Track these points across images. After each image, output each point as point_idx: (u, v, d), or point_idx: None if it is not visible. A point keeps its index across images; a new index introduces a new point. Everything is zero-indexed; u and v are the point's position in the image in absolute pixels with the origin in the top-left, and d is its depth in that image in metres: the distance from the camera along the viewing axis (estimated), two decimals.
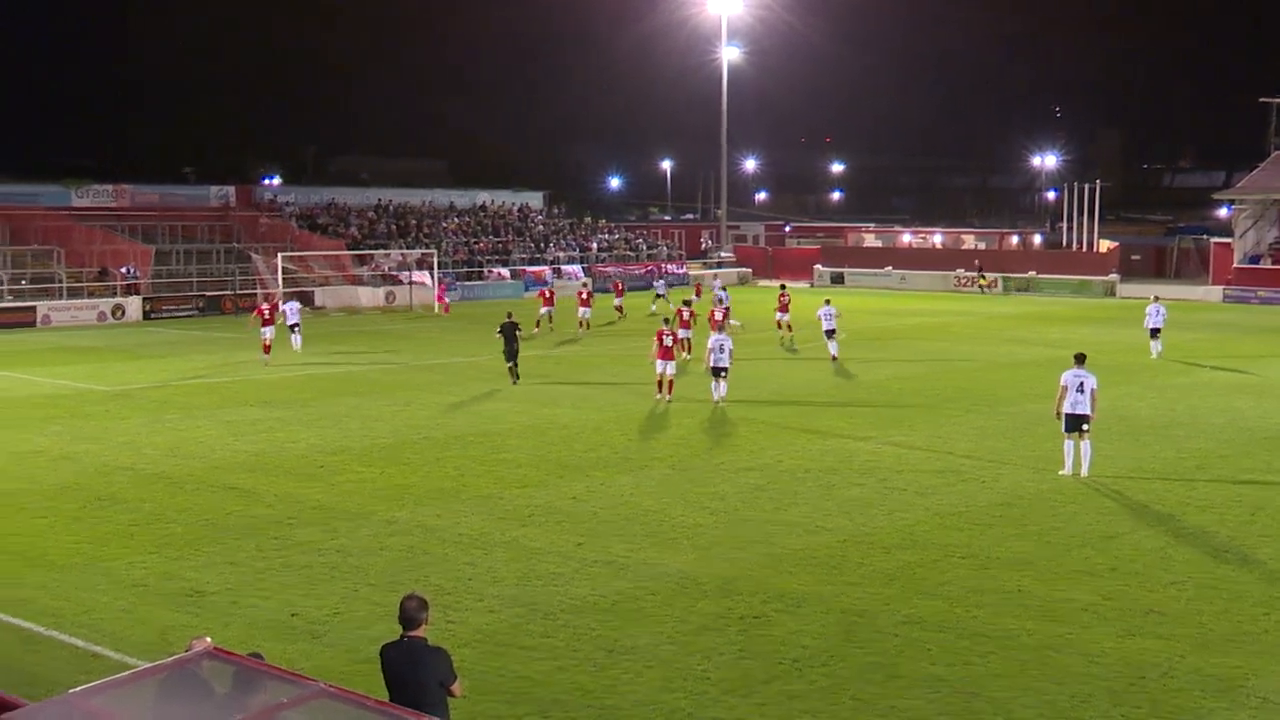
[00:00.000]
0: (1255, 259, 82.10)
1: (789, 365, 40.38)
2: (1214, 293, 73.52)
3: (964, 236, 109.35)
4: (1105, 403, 30.27)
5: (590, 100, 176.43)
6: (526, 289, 70.51)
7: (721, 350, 30.94)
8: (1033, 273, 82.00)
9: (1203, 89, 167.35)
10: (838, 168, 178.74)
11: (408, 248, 70.69)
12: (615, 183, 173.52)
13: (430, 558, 17.35)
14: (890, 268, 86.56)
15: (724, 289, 52.93)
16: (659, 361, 31.40)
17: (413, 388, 34.12)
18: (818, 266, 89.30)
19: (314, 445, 25.64)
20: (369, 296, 64.38)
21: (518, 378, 34.82)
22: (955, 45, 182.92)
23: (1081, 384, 22.59)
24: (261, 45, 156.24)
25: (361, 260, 67.66)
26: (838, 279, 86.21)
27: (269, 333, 39.53)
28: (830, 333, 40.01)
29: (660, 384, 31.47)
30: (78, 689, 7.45)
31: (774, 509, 20.27)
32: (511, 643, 13.97)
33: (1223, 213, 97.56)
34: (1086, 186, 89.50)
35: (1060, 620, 14.80)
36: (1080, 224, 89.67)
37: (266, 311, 40.00)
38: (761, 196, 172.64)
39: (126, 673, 8.44)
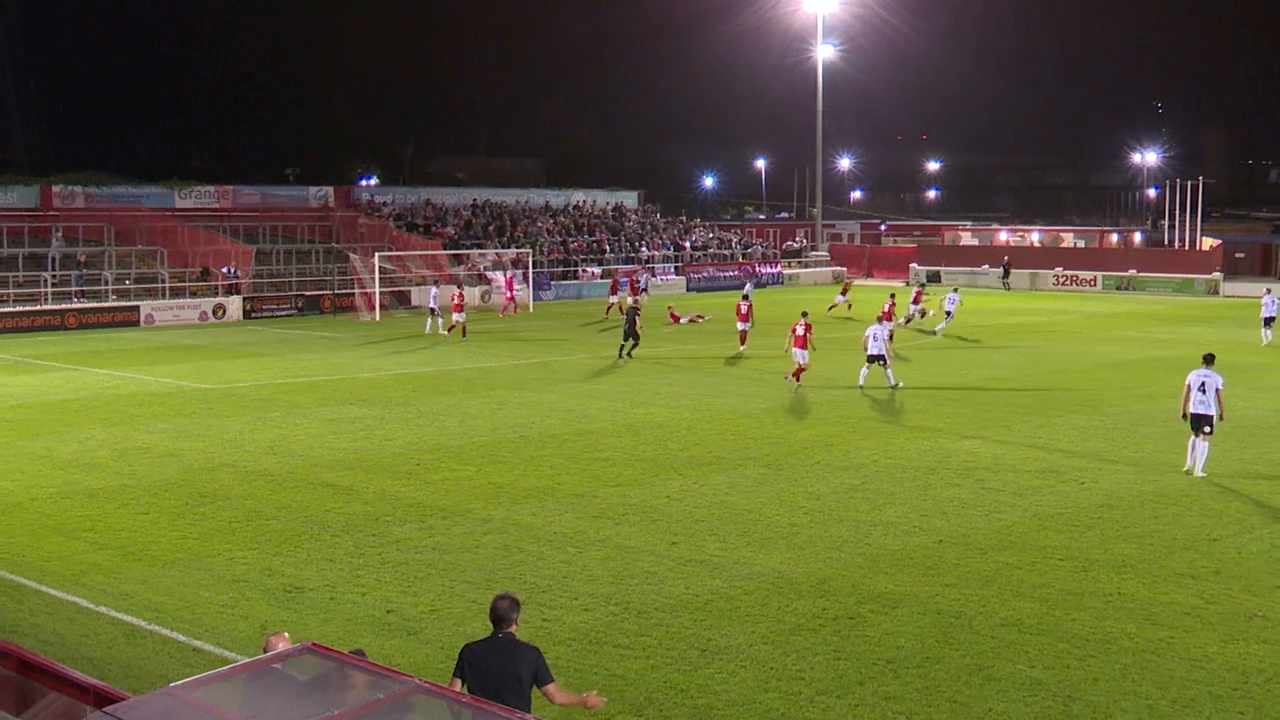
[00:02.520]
0: None
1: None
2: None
3: (1063, 235, 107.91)
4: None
5: (685, 98, 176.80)
6: (622, 288, 70.68)
7: (875, 339, 33.17)
8: (1133, 271, 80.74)
9: None
10: (934, 166, 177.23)
11: (503, 247, 71.11)
12: (709, 181, 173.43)
13: (525, 555, 17.44)
14: (987, 266, 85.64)
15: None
16: (795, 351, 34.14)
17: (509, 386, 34.32)
18: (914, 265, 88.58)
19: (411, 443, 25.89)
20: (444, 295, 64.62)
21: (628, 356, 39.68)
22: (1054, 42, 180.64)
23: (1204, 384, 22.29)
24: (360, 47, 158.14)
25: (458, 260, 68.14)
26: (934, 277, 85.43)
27: (460, 317, 47.85)
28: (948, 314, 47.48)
29: (796, 373, 34.01)
30: (179, 682, 7.57)
31: (869, 509, 20.13)
32: (606, 641, 14.01)
33: None
34: (1189, 183, 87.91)
35: (1161, 624, 14.55)
36: (1183, 221, 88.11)
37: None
38: (857, 195, 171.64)
39: (227, 667, 8.57)
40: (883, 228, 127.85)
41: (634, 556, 17.35)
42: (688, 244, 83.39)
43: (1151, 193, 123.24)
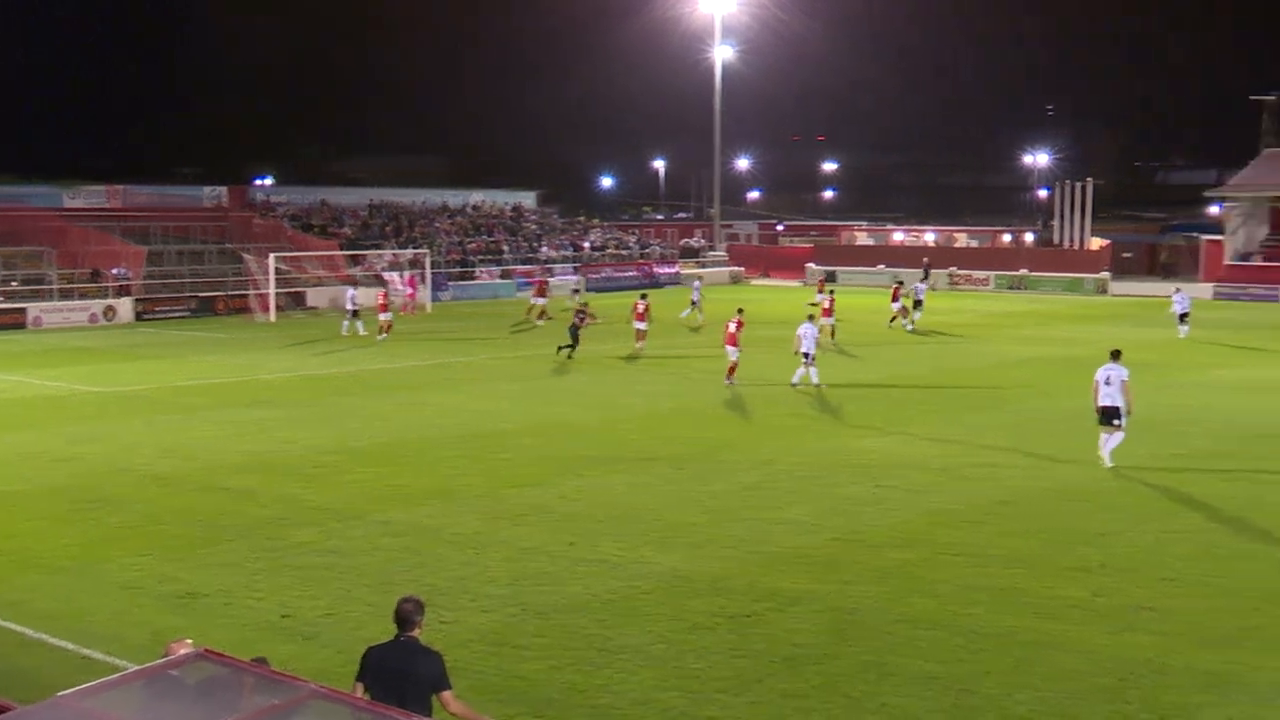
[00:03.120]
0: (1246, 257, 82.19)
1: (786, 366, 40.31)
2: (1205, 290, 73.50)
3: (956, 234, 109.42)
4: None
5: (584, 99, 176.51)
6: (519, 289, 70.54)
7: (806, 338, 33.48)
8: (1024, 271, 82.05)
9: (1195, 87, 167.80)
10: (831, 166, 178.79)
11: (400, 247, 70.59)
12: (608, 182, 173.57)
13: (424, 557, 17.34)
14: (883, 266, 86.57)
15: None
16: (728, 348, 34.86)
17: (413, 387, 34.11)
18: (810, 265, 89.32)
19: (312, 446, 25.62)
20: (362, 296, 64.01)
21: (566, 353, 40.33)
22: (950, 44, 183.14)
23: (1109, 377, 22.85)
24: (259, 45, 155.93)
25: (355, 260, 67.51)
26: (830, 277, 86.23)
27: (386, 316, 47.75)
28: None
29: (730, 369, 34.63)
30: (68, 691, 7.42)
31: (769, 508, 20.26)
32: (505, 642, 13.97)
33: (1214, 210, 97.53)
34: (1078, 184, 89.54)
35: (1054, 617, 14.81)
36: (1072, 222, 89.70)
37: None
38: (755, 195, 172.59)
39: (117, 675, 8.42)
40: (780, 228, 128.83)
41: (533, 557, 17.32)
42: (586, 244, 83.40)
43: (1043, 193, 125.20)
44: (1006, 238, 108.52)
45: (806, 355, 33.22)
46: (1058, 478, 22.55)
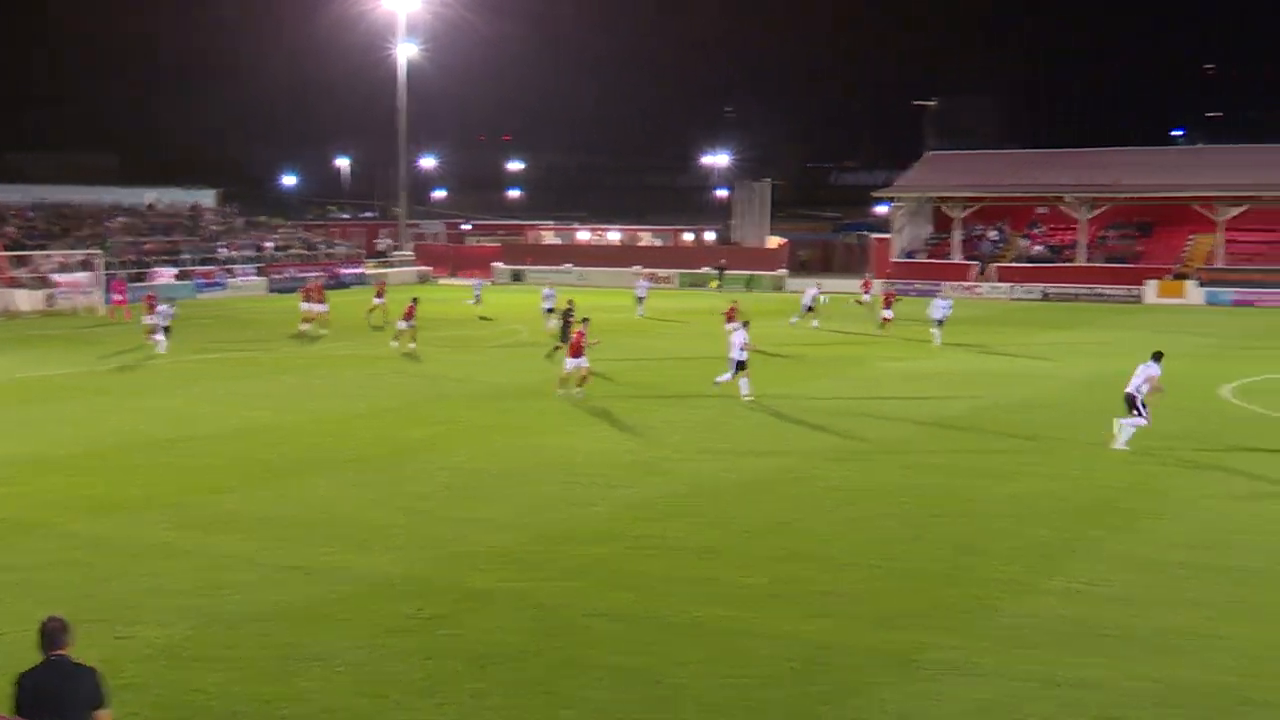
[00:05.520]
0: (911, 254, 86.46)
1: (490, 365, 40.25)
2: (876, 287, 76.84)
3: (641, 234, 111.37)
4: (780, 390, 31.48)
5: (265, 96, 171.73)
6: (198, 290, 68.43)
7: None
8: (707, 269, 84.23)
9: (868, 93, 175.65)
10: (519, 166, 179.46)
11: (71, 248, 67.30)
12: (291, 180, 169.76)
13: (107, 570, 16.56)
14: (570, 265, 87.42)
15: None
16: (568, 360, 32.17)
17: (111, 392, 32.61)
18: (498, 264, 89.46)
19: None
20: (28, 300, 60.88)
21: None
22: (638, 48, 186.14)
23: (1139, 370, 25.30)
24: None
25: (21, 261, 64.01)
26: (518, 276, 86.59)
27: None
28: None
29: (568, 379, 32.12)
30: None
31: (468, 507, 20.19)
32: (190, 655, 13.47)
33: (883, 210, 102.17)
34: (757, 185, 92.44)
35: (745, 605, 15.22)
36: (752, 221, 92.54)
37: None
38: (441, 195, 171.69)
39: None
40: (467, 227, 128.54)
41: (226, 566, 16.77)
42: (270, 245, 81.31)
43: (725, 194, 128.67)
44: (689, 236, 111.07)
45: (739, 364, 31.49)
46: (745, 469, 23.23)
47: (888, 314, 49.73)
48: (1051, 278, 79.05)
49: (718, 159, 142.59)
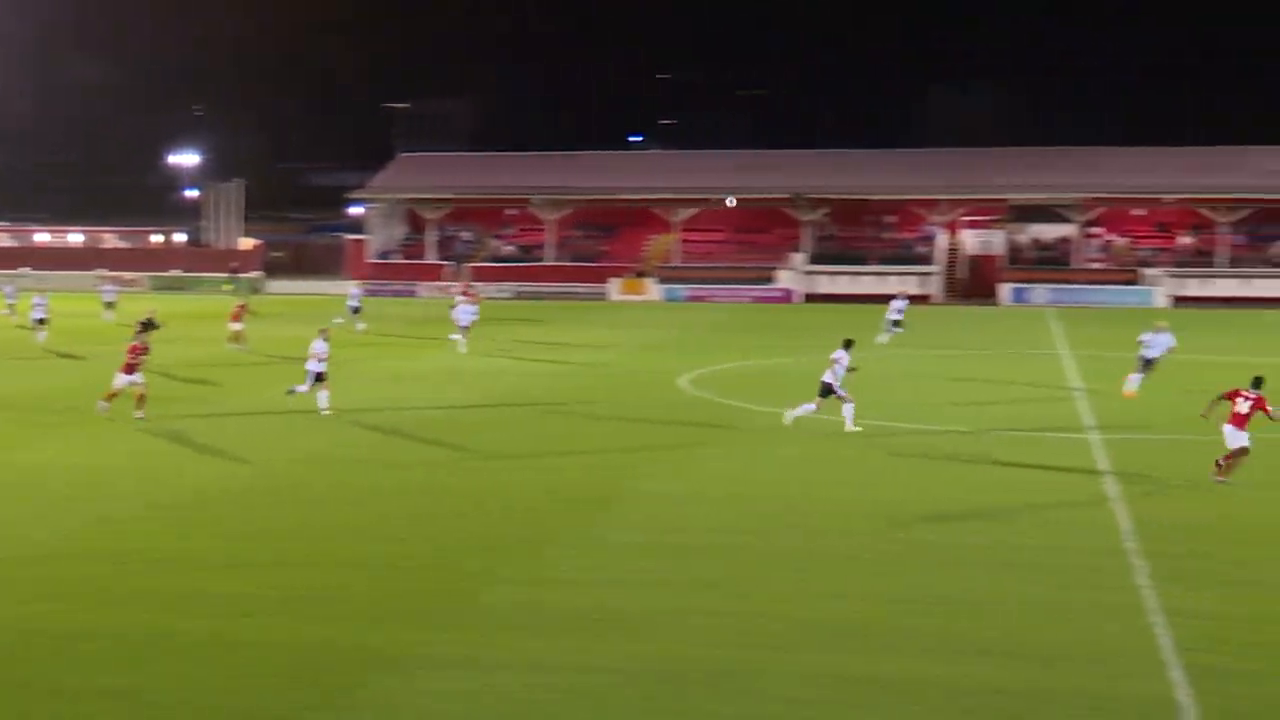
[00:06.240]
0: (387, 255, 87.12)
1: None
2: (351, 287, 76.96)
3: (105, 235, 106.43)
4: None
5: None
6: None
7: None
8: (178, 271, 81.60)
9: (338, 93, 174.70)
10: None
11: None
12: None
13: None
14: (28, 269, 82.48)
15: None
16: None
17: None
18: None
19: None
20: None
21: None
22: (102, 45, 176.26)
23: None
24: None
25: None
26: None
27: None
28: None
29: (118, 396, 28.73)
30: None
31: None
32: None
33: (358, 210, 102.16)
34: (227, 185, 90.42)
35: (227, 615, 14.91)
36: (224, 222, 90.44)
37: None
38: None
39: None
40: None
41: None
42: None
43: (194, 194, 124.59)
44: (157, 238, 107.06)
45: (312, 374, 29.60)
46: (243, 476, 22.95)
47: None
48: (522, 276, 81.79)
49: (186, 158, 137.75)
